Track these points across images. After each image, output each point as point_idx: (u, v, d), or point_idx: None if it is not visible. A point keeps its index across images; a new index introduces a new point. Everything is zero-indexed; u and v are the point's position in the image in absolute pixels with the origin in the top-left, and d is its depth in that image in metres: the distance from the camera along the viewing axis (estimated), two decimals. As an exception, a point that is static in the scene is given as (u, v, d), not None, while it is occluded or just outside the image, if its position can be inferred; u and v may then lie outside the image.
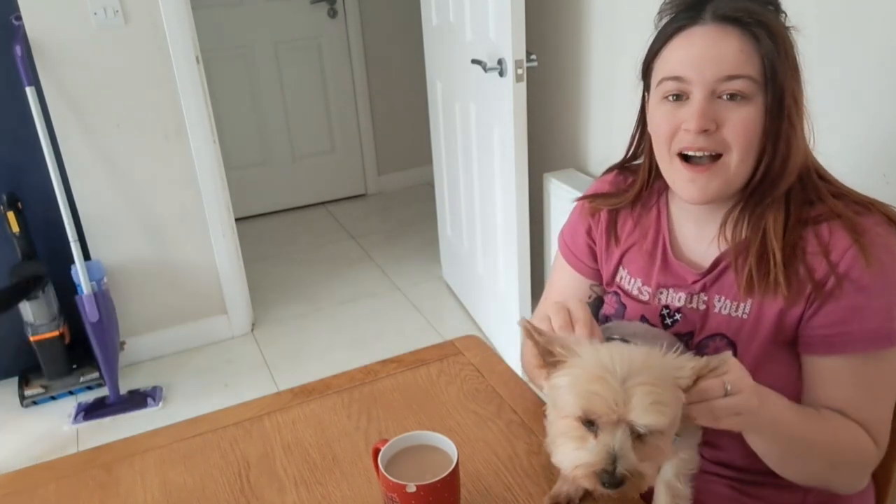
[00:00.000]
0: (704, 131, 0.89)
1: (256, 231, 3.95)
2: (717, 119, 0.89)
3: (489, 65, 2.21)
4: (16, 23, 2.40)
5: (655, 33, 0.96)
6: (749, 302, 0.94)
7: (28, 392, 2.69)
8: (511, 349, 2.55)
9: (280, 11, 3.81)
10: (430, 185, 3.72)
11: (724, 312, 0.96)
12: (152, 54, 2.56)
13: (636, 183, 1.08)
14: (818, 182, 0.95)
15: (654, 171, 1.04)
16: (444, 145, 2.95)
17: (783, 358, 0.95)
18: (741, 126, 0.89)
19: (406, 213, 4.07)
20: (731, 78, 0.87)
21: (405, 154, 4.30)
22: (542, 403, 1.19)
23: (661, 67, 0.94)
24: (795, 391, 0.96)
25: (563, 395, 0.76)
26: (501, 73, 2.18)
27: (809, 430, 0.92)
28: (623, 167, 1.13)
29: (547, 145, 2.66)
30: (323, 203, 4.28)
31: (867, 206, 0.94)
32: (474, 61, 2.28)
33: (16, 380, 2.76)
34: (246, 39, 3.81)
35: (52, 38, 2.44)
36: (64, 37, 2.45)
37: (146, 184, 2.71)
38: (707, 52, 0.88)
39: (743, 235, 0.95)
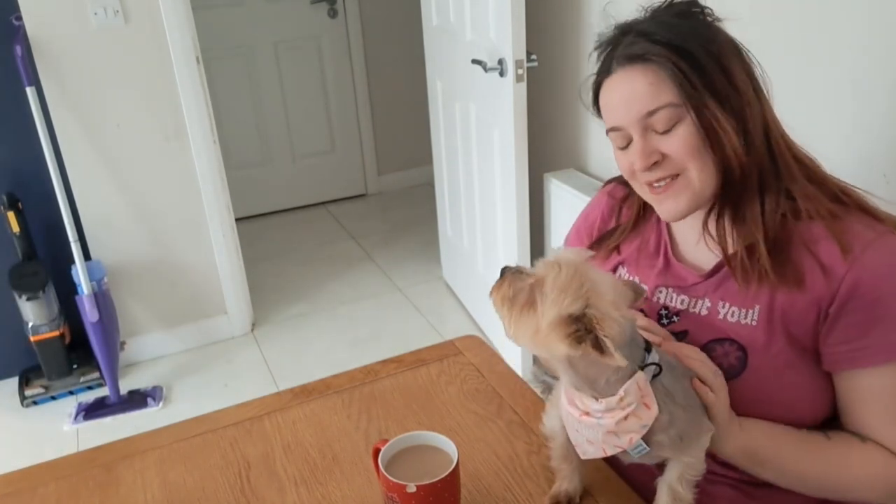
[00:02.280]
0: (653, 164, 0.94)
1: (256, 231, 3.95)
2: (659, 150, 0.93)
3: (489, 65, 2.21)
4: (16, 23, 2.41)
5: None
6: (757, 308, 0.93)
7: (28, 392, 2.69)
8: (511, 349, 2.55)
9: (280, 11, 3.81)
10: (430, 185, 3.72)
11: (732, 320, 0.95)
12: (152, 54, 2.56)
13: (633, 207, 1.10)
14: (792, 164, 0.95)
15: None
16: (445, 145, 2.95)
17: (804, 369, 0.93)
18: (681, 148, 0.92)
19: (406, 214, 4.07)
20: (651, 113, 0.91)
21: (405, 154, 4.30)
22: (543, 404, 1.19)
23: (604, 117, 0.99)
24: (814, 404, 0.95)
25: None
26: (502, 73, 2.18)
27: (803, 458, 0.92)
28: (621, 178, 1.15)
29: (547, 145, 2.66)
30: (323, 203, 4.28)
31: (844, 201, 0.94)
32: (474, 61, 2.28)
33: (16, 380, 2.76)
34: (246, 39, 3.81)
35: (53, 38, 2.44)
36: (64, 37, 2.45)
37: (146, 184, 2.71)
38: (623, 97, 0.93)
39: (726, 230, 0.96)
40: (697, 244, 1.02)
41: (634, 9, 0.97)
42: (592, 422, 0.84)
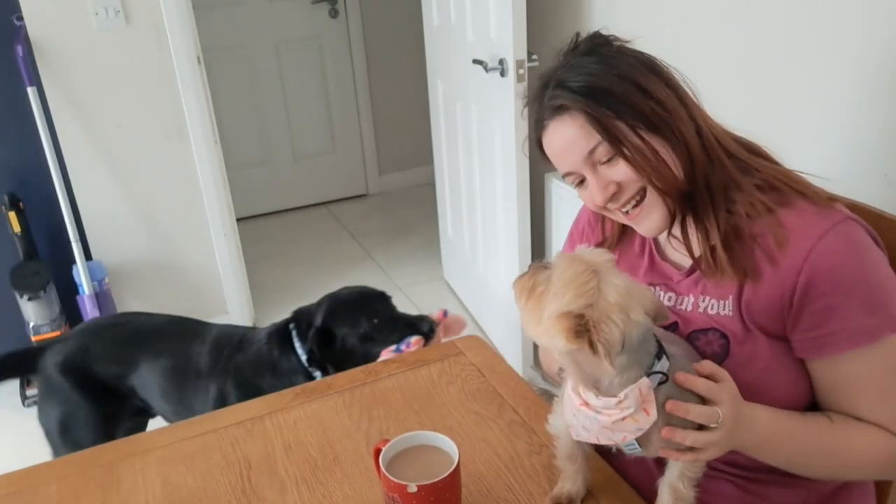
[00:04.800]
0: (613, 195, 0.98)
1: (257, 231, 3.95)
2: (614, 179, 0.97)
3: (490, 65, 2.21)
4: (17, 23, 2.41)
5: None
6: (730, 298, 0.96)
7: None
8: (512, 349, 2.55)
9: (281, 11, 3.81)
10: (431, 186, 3.72)
11: (712, 312, 0.98)
12: (153, 54, 2.56)
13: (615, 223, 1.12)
14: (725, 161, 0.97)
15: None
16: (446, 145, 2.95)
17: (782, 356, 0.95)
18: (629, 175, 0.96)
19: (407, 214, 4.07)
20: (591, 152, 0.96)
21: (406, 154, 4.30)
22: (543, 404, 1.19)
23: (554, 164, 1.03)
24: (796, 390, 0.97)
25: None
26: (503, 73, 2.18)
27: (811, 443, 0.94)
28: None
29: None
30: (324, 203, 4.28)
31: (780, 189, 0.96)
32: (475, 61, 2.28)
33: (17, 380, 2.76)
34: (247, 39, 3.81)
35: (54, 38, 2.44)
36: (65, 37, 2.45)
37: (147, 184, 2.71)
38: (562, 145, 0.98)
39: (690, 235, 0.99)
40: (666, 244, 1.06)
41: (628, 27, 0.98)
42: (590, 414, 0.85)
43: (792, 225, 0.93)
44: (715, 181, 0.96)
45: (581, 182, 1.01)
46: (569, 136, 0.96)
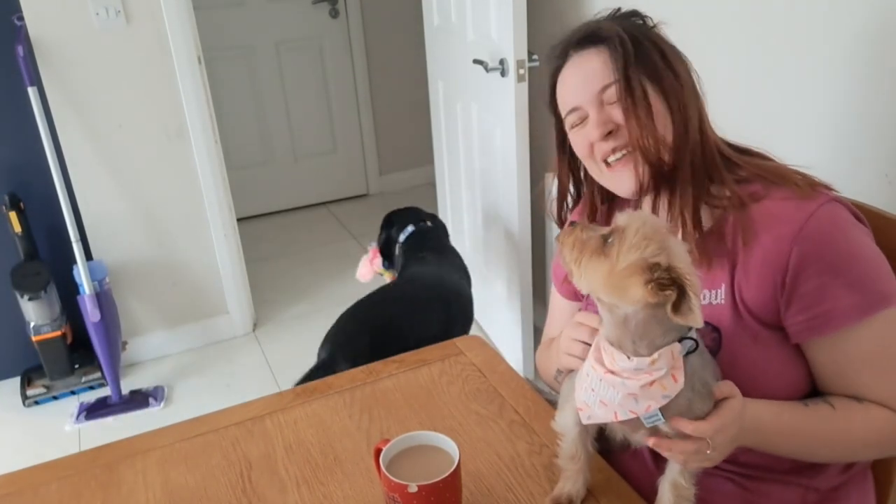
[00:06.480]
0: (608, 134, 1.01)
1: (258, 231, 3.96)
2: (614, 120, 1.00)
3: (491, 65, 2.21)
4: (18, 23, 2.41)
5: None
6: (722, 286, 0.97)
7: (30, 392, 2.69)
8: (512, 349, 2.55)
9: (282, 12, 3.81)
10: (431, 186, 3.71)
11: (704, 302, 0.98)
12: (154, 54, 2.57)
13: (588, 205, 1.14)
14: (718, 160, 1.00)
15: (602, 190, 1.12)
16: (446, 145, 2.95)
17: (775, 345, 0.96)
18: None
19: (407, 213, 4.07)
20: (605, 88, 1.00)
21: (407, 154, 4.30)
22: (544, 404, 1.19)
23: (560, 105, 1.08)
24: (791, 380, 0.97)
25: None
26: (503, 73, 2.18)
27: (814, 433, 0.94)
28: (578, 199, 1.19)
29: (549, 145, 2.65)
30: (324, 203, 4.28)
31: (766, 178, 0.98)
32: (476, 61, 2.28)
33: (18, 380, 2.76)
34: (247, 39, 3.81)
35: (55, 38, 2.44)
36: (66, 37, 2.45)
37: (148, 184, 2.71)
38: (579, 76, 1.03)
39: (667, 219, 1.01)
40: None
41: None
42: (616, 381, 0.83)
43: (774, 212, 0.94)
44: (699, 165, 0.98)
45: (581, 122, 1.03)
46: (589, 69, 1.00)
